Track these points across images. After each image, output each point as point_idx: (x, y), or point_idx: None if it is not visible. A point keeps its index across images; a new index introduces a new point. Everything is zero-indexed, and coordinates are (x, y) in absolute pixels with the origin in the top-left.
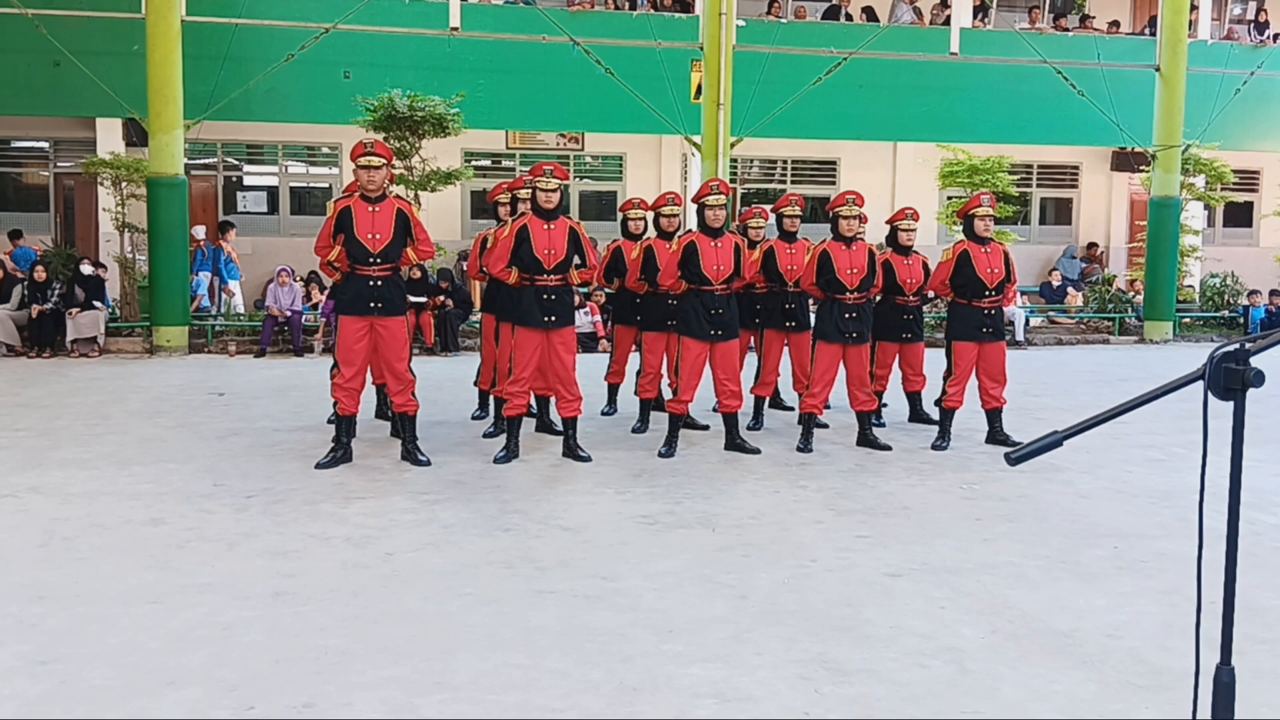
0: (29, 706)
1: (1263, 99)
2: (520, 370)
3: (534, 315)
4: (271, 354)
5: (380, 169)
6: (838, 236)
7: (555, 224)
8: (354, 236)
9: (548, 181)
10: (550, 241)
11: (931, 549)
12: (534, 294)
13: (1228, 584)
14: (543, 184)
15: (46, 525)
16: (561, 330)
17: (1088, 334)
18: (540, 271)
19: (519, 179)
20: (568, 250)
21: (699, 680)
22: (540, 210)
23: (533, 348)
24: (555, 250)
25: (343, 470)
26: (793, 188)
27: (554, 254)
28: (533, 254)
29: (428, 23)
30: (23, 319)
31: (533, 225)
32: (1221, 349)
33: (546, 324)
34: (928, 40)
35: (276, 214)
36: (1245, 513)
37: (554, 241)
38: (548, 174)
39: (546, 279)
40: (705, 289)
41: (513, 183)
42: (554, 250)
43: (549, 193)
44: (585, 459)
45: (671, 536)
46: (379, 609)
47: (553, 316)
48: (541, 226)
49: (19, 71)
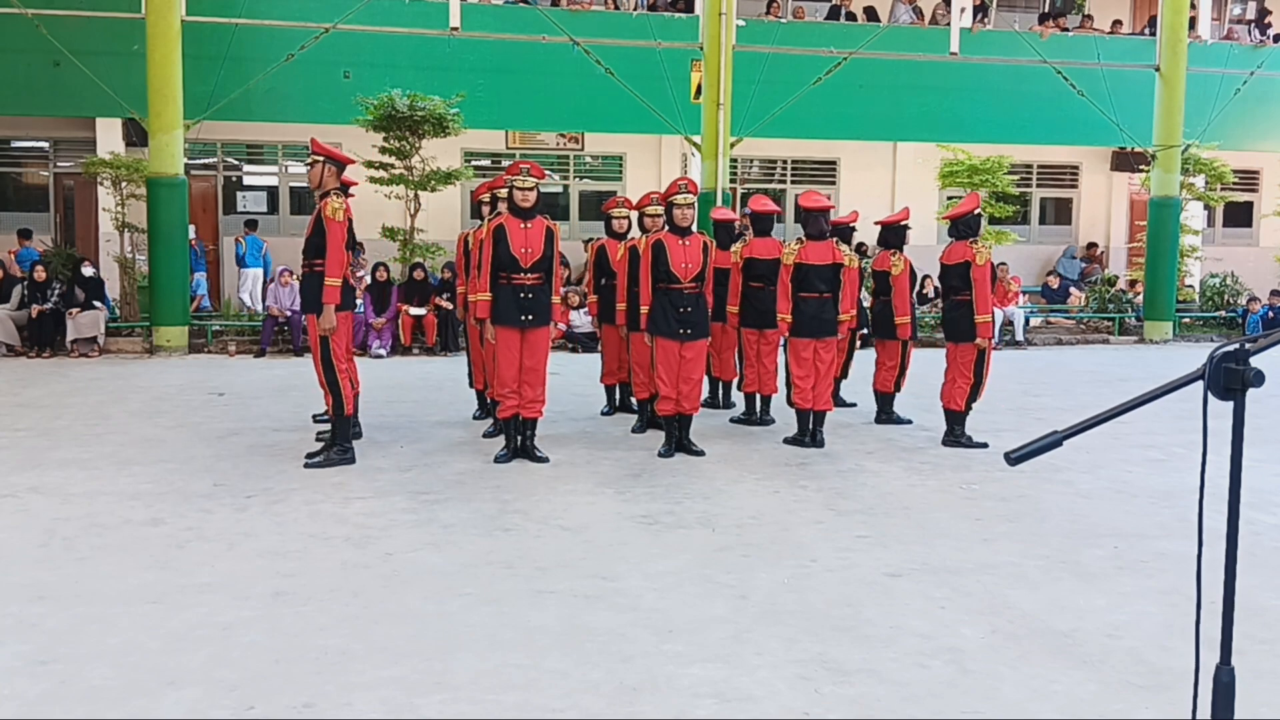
0: (29, 706)
1: (1263, 99)
2: (502, 370)
3: (511, 314)
4: (271, 354)
5: (534, 190)
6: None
7: (532, 223)
8: (509, 251)
9: (524, 180)
10: (527, 240)
11: (931, 549)
12: (511, 293)
13: (1227, 584)
14: (519, 183)
15: (46, 525)
16: (537, 330)
17: (1087, 334)
18: (517, 270)
19: (499, 178)
20: (545, 249)
21: (699, 680)
22: (517, 209)
23: (512, 348)
24: (532, 249)
25: (342, 470)
26: (793, 188)
27: (530, 252)
28: (509, 252)
29: (428, 23)
30: (23, 319)
31: (509, 224)
32: (1221, 349)
33: (524, 323)
34: (928, 40)
35: (276, 214)
36: (1245, 513)
37: (530, 240)
38: (524, 173)
39: (524, 277)
40: (673, 287)
41: (493, 182)
42: (530, 249)
43: (525, 191)
44: (542, 460)
45: (671, 536)
46: (379, 609)
47: (530, 315)
48: (518, 225)
49: (19, 71)
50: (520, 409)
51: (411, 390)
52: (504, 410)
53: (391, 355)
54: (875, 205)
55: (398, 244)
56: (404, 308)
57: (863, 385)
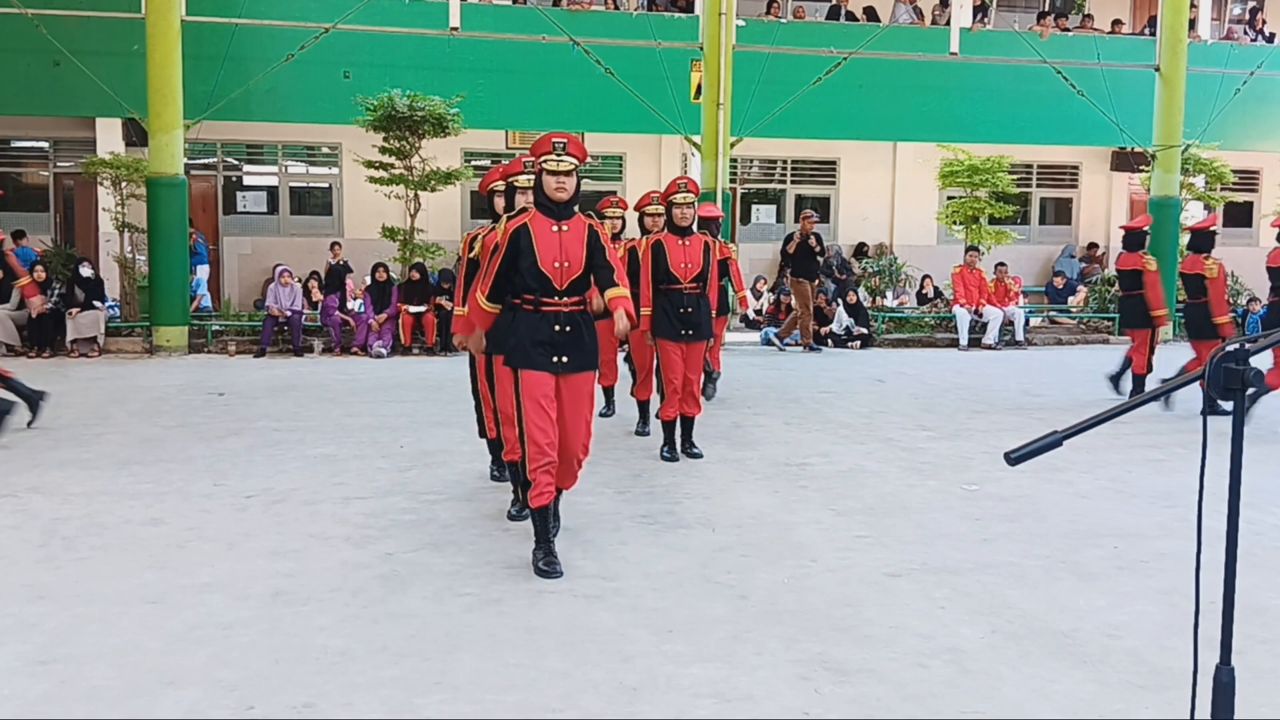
0: (29, 706)
1: (1263, 99)
2: (531, 431)
3: (538, 353)
4: (271, 354)
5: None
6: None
7: (569, 224)
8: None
9: (559, 160)
10: (563, 249)
11: (931, 549)
12: (539, 323)
13: (1227, 584)
14: (552, 164)
15: (46, 525)
16: (579, 376)
17: (1087, 334)
18: (550, 292)
19: (516, 160)
20: (587, 260)
21: (699, 680)
22: (548, 204)
23: (542, 397)
24: (569, 261)
25: (342, 470)
26: (793, 188)
27: (567, 266)
28: (537, 267)
29: (428, 23)
30: (22, 319)
31: (536, 226)
32: (1221, 349)
33: (557, 366)
34: (928, 40)
35: (276, 214)
36: (1245, 512)
37: (568, 249)
38: (558, 150)
39: (557, 302)
40: (674, 288)
41: (508, 166)
42: (567, 261)
43: (561, 177)
44: None
45: (671, 536)
46: (379, 609)
47: (564, 356)
48: (549, 227)
49: (19, 71)
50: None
51: (411, 390)
52: (538, 495)
53: (391, 355)
54: (875, 205)
55: (398, 244)
56: (404, 308)
57: None
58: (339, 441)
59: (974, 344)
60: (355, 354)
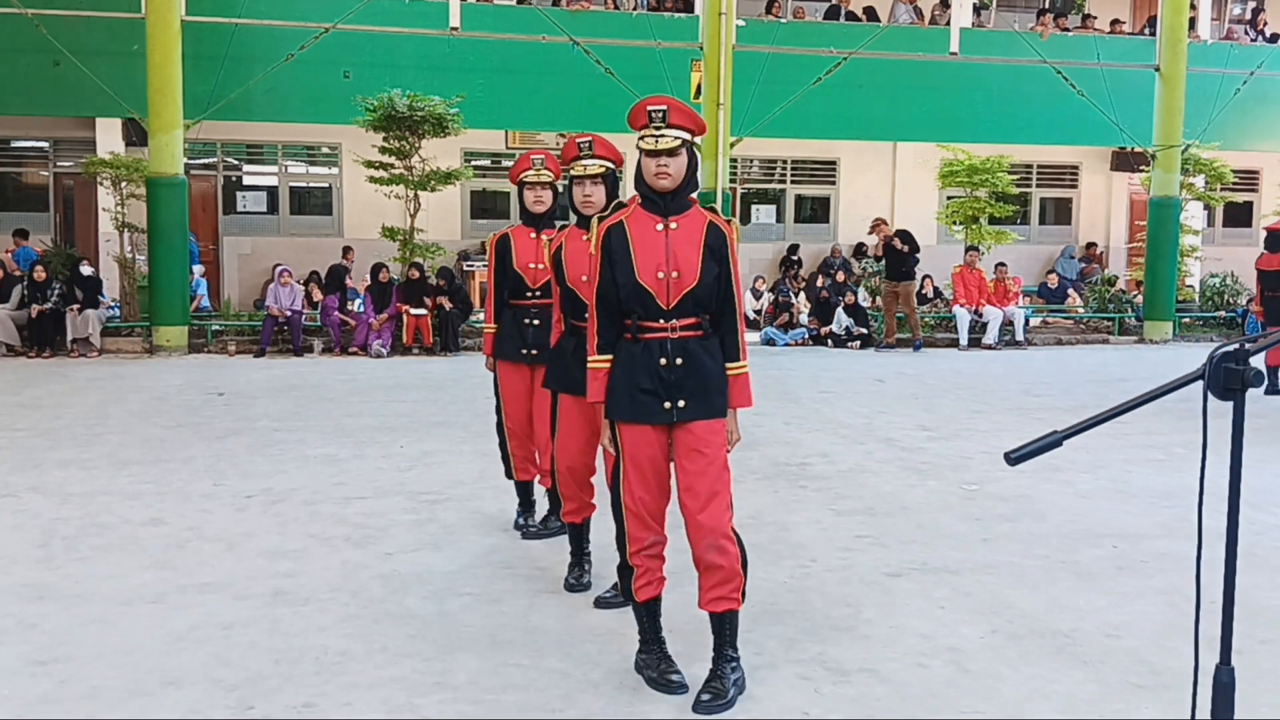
0: (29, 707)
1: (1262, 99)
2: (630, 503)
3: (642, 400)
4: (271, 354)
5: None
6: None
7: (681, 219)
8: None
9: (659, 138)
10: (670, 254)
11: (931, 549)
12: (640, 356)
13: (1227, 583)
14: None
15: (46, 525)
16: (701, 424)
17: (1087, 334)
18: (653, 314)
19: (571, 141)
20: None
21: (699, 680)
22: (650, 196)
23: (647, 461)
24: (680, 270)
25: (342, 470)
26: (792, 188)
27: (677, 278)
28: (634, 280)
29: (428, 23)
30: (22, 319)
31: (634, 225)
32: (1221, 349)
33: (668, 414)
34: (927, 40)
35: (276, 214)
36: (1245, 513)
37: (677, 253)
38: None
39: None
40: None
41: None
42: (677, 271)
43: (664, 158)
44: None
45: (671, 536)
46: (379, 609)
47: (679, 400)
48: (652, 225)
49: (19, 71)
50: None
51: (411, 390)
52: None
53: (391, 355)
54: (875, 205)
55: (398, 244)
56: (404, 308)
57: None
58: (339, 441)
59: (974, 344)
60: (355, 354)
